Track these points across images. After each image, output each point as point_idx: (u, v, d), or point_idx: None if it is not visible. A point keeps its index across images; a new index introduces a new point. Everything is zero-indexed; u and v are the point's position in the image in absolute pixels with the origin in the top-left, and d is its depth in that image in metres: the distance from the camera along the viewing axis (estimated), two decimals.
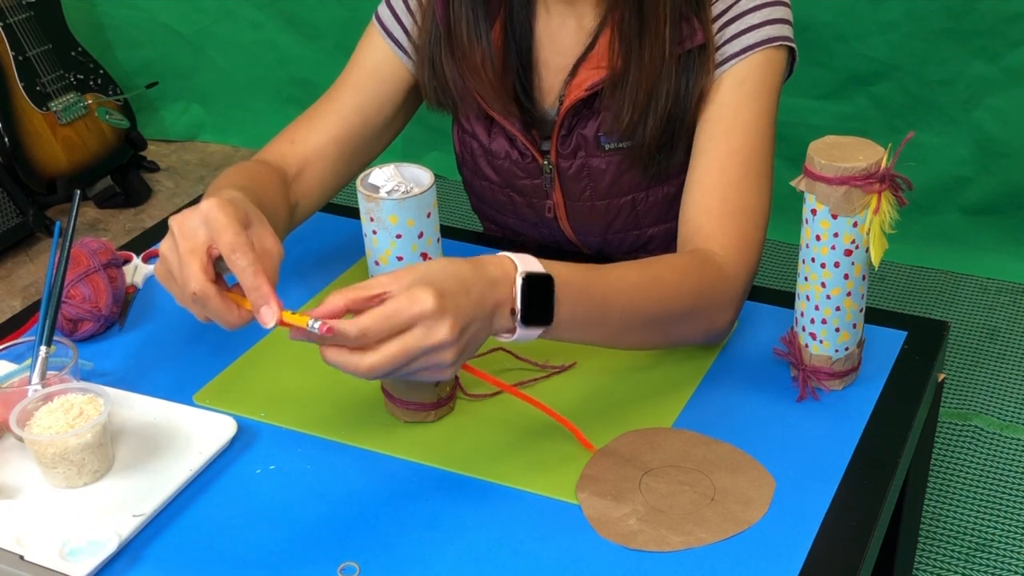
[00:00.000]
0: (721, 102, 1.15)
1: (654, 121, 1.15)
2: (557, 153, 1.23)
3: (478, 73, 1.19)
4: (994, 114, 2.48)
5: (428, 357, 0.86)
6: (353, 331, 0.84)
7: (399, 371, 0.86)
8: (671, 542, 0.90)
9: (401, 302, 0.85)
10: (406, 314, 0.84)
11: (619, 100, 1.16)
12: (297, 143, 1.23)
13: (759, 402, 1.05)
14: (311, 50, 3.14)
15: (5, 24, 2.79)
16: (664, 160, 1.20)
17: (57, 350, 1.06)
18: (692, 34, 1.13)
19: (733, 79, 1.15)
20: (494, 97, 1.20)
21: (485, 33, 1.18)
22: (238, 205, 0.90)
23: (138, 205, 3.09)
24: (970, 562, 1.84)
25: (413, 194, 0.92)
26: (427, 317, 0.84)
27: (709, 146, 1.15)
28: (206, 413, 1.05)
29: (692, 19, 1.14)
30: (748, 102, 1.15)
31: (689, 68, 1.14)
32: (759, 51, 1.15)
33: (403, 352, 0.85)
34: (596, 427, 1.02)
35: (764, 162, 1.15)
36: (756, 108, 1.15)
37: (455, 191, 2.80)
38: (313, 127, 1.25)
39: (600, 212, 1.26)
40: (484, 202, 1.35)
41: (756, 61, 1.15)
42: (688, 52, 1.14)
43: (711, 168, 1.14)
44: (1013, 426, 2.12)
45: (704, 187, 1.14)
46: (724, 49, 1.15)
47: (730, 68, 1.15)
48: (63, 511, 0.95)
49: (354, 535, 0.92)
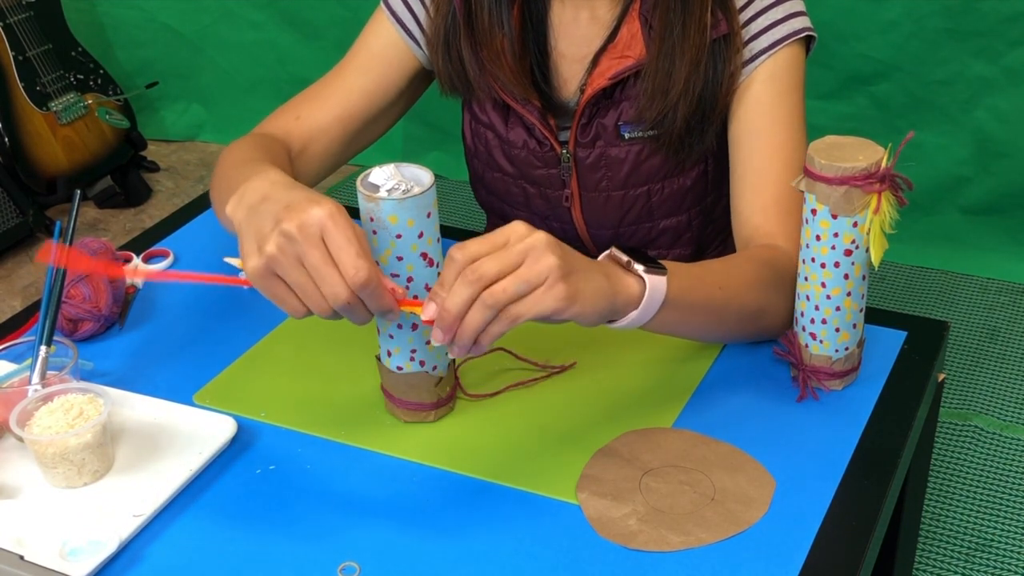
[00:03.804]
0: (757, 100, 1.17)
1: (685, 107, 1.16)
2: (576, 142, 1.24)
3: (498, 59, 1.20)
4: (994, 114, 2.48)
5: (531, 267, 0.85)
6: (458, 253, 0.85)
7: (501, 285, 0.84)
8: (671, 542, 0.90)
9: (504, 230, 0.86)
10: (513, 237, 0.86)
11: (652, 87, 1.17)
12: (302, 119, 1.25)
13: (759, 402, 1.05)
14: (311, 50, 3.14)
15: (5, 24, 2.79)
16: (695, 144, 1.21)
17: (57, 350, 1.06)
18: (716, 24, 1.15)
19: (765, 76, 1.17)
20: (514, 83, 1.20)
21: (507, 19, 1.19)
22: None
23: (138, 205, 3.09)
24: (970, 562, 1.84)
25: (413, 194, 0.92)
26: (534, 244, 0.85)
27: (754, 146, 1.17)
28: (206, 413, 1.04)
29: (717, 10, 1.15)
30: (783, 98, 1.17)
31: (717, 55, 1.16)
32: (786, 46, 1.17)
33: (504, 255, 0.84)
34: (596, 427, 1.02)
35: (804, 153, 1.16)
36: (790, 103, 1.17)
37: (455, 191, 2.80)
38: (317, 105, 1.26)
39: (615, 203, 1.27)
40: (494, 195, 1.35)
41: (784, 56, 1.17)
42: (715, 41, 1.16)
43: (758, 168, 1.16)
44: (1013, 426, 2.12)
45: (755, 187, 1.16)
46: (752, 45, 1.17)
47: (760, 65, 1.17)
48: (63, 511, 0.95)
49: (354, 535, 0.92)
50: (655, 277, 0.93)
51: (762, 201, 1.16)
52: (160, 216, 2.99)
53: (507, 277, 0.84)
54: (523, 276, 0.84)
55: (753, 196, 1.16)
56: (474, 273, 0.84)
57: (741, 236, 1.18)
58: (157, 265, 1.30)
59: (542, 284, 0.85)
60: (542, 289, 0.85)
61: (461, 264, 0.84)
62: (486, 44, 1.20)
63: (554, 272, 0.85)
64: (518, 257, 0.85)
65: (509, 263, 0.84)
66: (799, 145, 1.17)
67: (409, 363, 1.01)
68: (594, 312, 0.89)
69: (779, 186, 1.15)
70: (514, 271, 0.84)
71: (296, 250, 0.86)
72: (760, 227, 1.15)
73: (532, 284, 0.85)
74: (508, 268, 0.84)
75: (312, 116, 1.25)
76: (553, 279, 0.85)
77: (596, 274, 0.89)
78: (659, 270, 0.93)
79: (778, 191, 1.15)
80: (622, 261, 0.94)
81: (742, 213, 1.18)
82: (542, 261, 0.85)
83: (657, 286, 0.93)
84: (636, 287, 0.92)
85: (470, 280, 0.84)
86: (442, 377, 1.02)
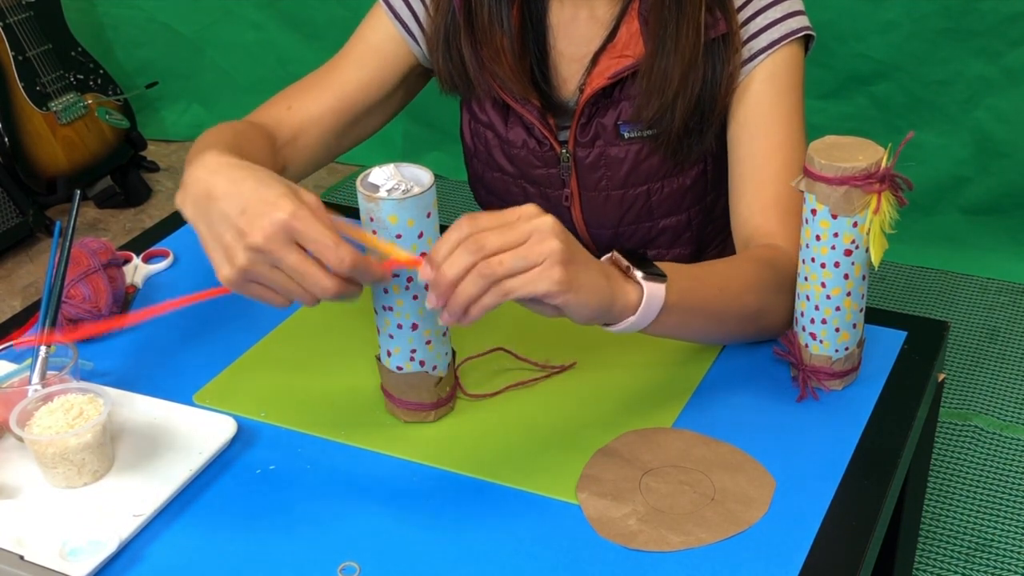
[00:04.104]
0: (756, 100, 1.17)
1: (683, 106, 1.16)
2: (575, 142, 1.24)
3: (498, 58, 1.20)
4: (994, 114, 2.48)
5: (532, 246, 0.85)
6: (467, 224, 0.85)
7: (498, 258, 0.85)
8: (671, 542, 0.90)
9: (515, 209, 0.87)
10: (522, 216, 0.86)
11: (648, 87, 1.16)
12: (294, 109, 1.25)
13: (759, 402, 1.05)
14: (311, 50, 3.14)
15: (5, 24, 2.79)
16: (694, 145, 1.21)
17: (57, 350, 1.06)
18: (715, 23, 1.15)
19: (764, 75, 1.17)
20: (514, 81, 1.20)
21: (507, 18, 1.19)
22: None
23: (138, 205, 3.09)
24: (970, 562, 1.84)
25: (413, 194, 0.92)
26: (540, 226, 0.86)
27: (752, 146, 1.17)
28: (206, 413, 1.04)
29: (715, 10, 1.15)
30: (782, 98, 1.17)
31: (715, 55, 1.16)
32: (784, 45, 1.17)
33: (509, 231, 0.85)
34: (596, 427, 1.02)
35: (803, 152, 1.17)
36: (789, 103, 1.17)
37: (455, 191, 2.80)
38: (311, 96, 1.26)
39: (615, 203, 1.27)
40: (494, 195, 1.35)
41: (783, 56, 1.17)
42: (713, 40, 1.15)
43: (757, 168, 1.16)
44: (1013, 426, 2.12)
45: (755, 188, 1.16)
46: (751, 44, 1.17)
47: (759, 64, 1.16)
48: (63, 511, 0.95)
49: (354, 535, 0.92)
50: (654, 284, 0.93)
51: (761, 201, 1.16)
52: (160, 216, 2.99)
53: (507, 252, 0.85)
54: (522, 253, 0.85)
55: (753, 196, 1.16)
56: (476, 243, 0.84)
57: (741, 236, 1.18)
58: (157, 265, 1.30)
59: (540, 264, 0.85)
60: (539, 269, 0.85)
61: (466, 232, 0.85)
62: (486, 43, 1.20)
63: (554, 255, 0.85)
64: (522, 236, 0.85)
65: (512, 239, 0.85)
66: (798, 145, 1.17)
67: (409, 363, 1.01)
68: (586, 306, 0.89)
69: (778, 186, 1.15)
70: (515, 248, 0.85)
71: (269, 259, 0.87)
72: (760, 227, 1.15)
73: (530, 263, 0.85)
74: (510, 244, 0.85)
75: (305, 106, 1.25)
76: (551, 262, 0.85)
77: (596, 271, 0.90)
78: (658, 277, 0.94)
79: (777, 191, 1.15)
80: (622, 266, 0.94)
81: (741, 214, 1.18)
82: (545, 243, 0.85)
83: (655, 293, 0.93)
84: (634, 293, 0.93)
85: (471, 249, 0.84)
86: (442, 377, 1.02)
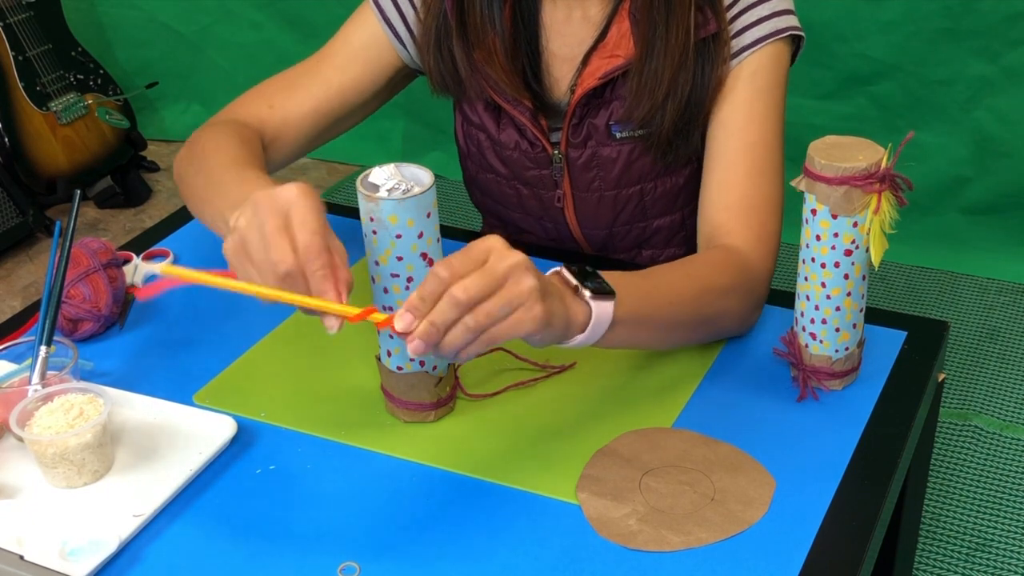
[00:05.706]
0: (735, 98, 1.16)
1: (673, 107, 1.16)
2: (567, 143, 1.24)
3: (491, 58, 1.19)
4: (994, 114, 2.48)
5: (512, 288, 0.85)
6: (444, 270, 0.84)
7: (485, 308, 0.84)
8: (671, 542, 0.90)
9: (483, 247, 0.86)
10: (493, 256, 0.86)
11: (638, 87, 1.16)
12: (275, 109, 1.24)
13: (759, 402, 1.05)
14: (311, 50, 3.10)
15: (5, 24, 2.79)
16: (681, 146, 1.21)
17: (57, 350, 1.06)
18: (705, 23, 1.14)
19: (744, 73, 1.16)
20: (506, 82, 1.20)
21: (499, 19, 1.19)
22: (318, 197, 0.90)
23: (138, 205, 3.09)
24: (970, 562, 1.84)
25: (413, 194, 0.92)
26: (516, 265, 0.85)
27: (726, 144, 1.16)
28: (206, 413, 1.04)
29: (706, 9, 1.15)
30: (760, 96, 1.16)
31: (705, 55, 1.15)
32: (769, 44, 1.16)
33: (489, 275, 0.84)
34: (596, 427, 1.02)
35: (778, 152, 1.17)
36: (768, 101, 1.16)
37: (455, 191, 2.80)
38: (292, 96, 1.25)
39: (608, 203, 1.27)
40: (488, 196, 1.35)
41: (766, 54, 1.16)
42: (703, 40, 1.15)
43: (727, 165, 1.16)
44: (1013, 426, 2.12)
45: (722, 185, 1.15)
46: (735, 42, 1.16)
47: (741, 61, 1.16)
48: (63, 511, 0.95)
49: (354, 535, 0.92)
50: (602, 303, 0.93)
51: (727, 200, 1.15)
52: (160, 216, 2.99)
53: (491, 299, 0.85)
54: (505, 297, 0.85)
55: (719, 194, 1.15)
56: (464, 293, 0.84)
57: (703, 233, 1.17)
58: (157, 265, 1.30)
59: (523, 305, 0.85)
60: (522, 310, 0.86)
61: (448, 281, 0.84)
62: (478, 44, 1.19)
63: (534, 294, 0.85)
64: (500, 278, 0.85)
65: (492, 284, 0.85)
66: (772, 145, 1.16)
67: (409, 363, 1.01)
68: (552, 336, 0.90)
69: (746, 185, 1.14)
70: (497, 291, 0.85)
71: (259, 220, 0.87)
72: (722, 226, 1.14)
73: (513, 306, 0.85)
74: (492, 289, 0.85)
75: (285, 107, 1.25)
76: (532, 301, 0.86)
77: (559, 299, 0.90)
78: (606, 295, 0.93)
79: (744, 191, 1.14)
80: (571, 285, 0.93)
81: (706, 210, 1.17)
82: (523, 282, 0.85)
83: (603, 312, 0.93)
84: (582, 313, 0.92)
85: (459, 301, 0.84)
86: (442, 377, 1.02)
